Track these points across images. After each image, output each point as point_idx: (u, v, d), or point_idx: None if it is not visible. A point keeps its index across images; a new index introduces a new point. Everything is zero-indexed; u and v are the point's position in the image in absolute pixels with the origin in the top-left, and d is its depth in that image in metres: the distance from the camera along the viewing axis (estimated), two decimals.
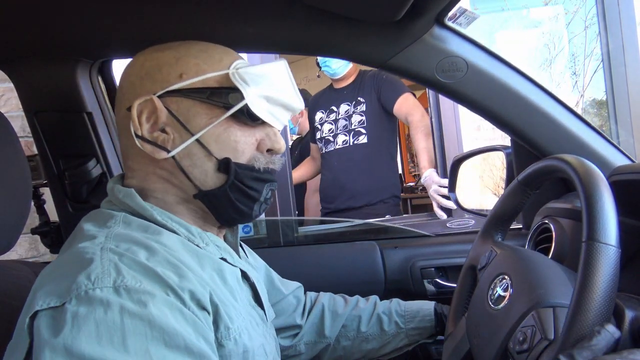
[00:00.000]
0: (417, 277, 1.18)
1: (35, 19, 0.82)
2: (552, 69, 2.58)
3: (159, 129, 0.64)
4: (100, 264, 0.51)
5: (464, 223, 1.93)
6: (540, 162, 0.70)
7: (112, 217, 0.62)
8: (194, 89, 0.64)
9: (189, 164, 0.65)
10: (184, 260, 0.58)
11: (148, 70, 0.65)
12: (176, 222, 0.65)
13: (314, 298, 1.02)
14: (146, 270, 0.53)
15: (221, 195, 0.66)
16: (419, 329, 0.95)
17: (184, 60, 0.65)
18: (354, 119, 2.10)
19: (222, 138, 0.64)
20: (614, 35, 2.35)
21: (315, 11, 0.84)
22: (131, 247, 0.56)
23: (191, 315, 0.53)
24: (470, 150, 1.21)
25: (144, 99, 0.63)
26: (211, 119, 0.64)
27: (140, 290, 0.50)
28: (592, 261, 0.49)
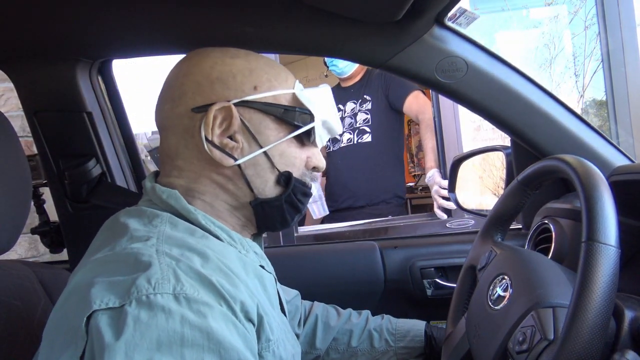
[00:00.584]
0: (417, 277, 1.18)
1: (35, 19, 0.82)
2: (552, 69, 2.58)
3: (228, 135, 0.65)
4: (159, 269, 0.51)
5: (463, 223, 1.94)
6: (540, 162, 0.70)
7: (157, 216, 0.62)
8: (268, 104, 0.66)
9: (252, 173, 0.67)
10: (232, 268, 0.59)
11: (220, 75, 0.65)
12: (219, 227, 0.65)
13: (308, 308, 1.02)
14: (202, 279, 0.53)
15: (276, 205, 0.69)
16: (408, 348, 0.96)
17: (257, 73, 0.67)
18: (359, 117, 2.10)
19: (285, 153, 0.68)
20: (613, 35, 2.35)
21: (315, 11, 0.84)
22: (184, 252, 0.56)
23: (242, 328, 0.54)
24: (470, 150, 1.21)
25: (222, 105, 0.64)
26: (279, 135, 0.67)
27: (199, 301, 0.50)
28: (592, 261, 0.49)
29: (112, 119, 1.10)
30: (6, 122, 0.71)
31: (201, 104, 0.64)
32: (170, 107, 0.67)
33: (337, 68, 2.11)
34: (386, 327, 0.98)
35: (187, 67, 0.67)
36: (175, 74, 0.68)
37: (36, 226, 1.15)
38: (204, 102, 0.64)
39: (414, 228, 1.92)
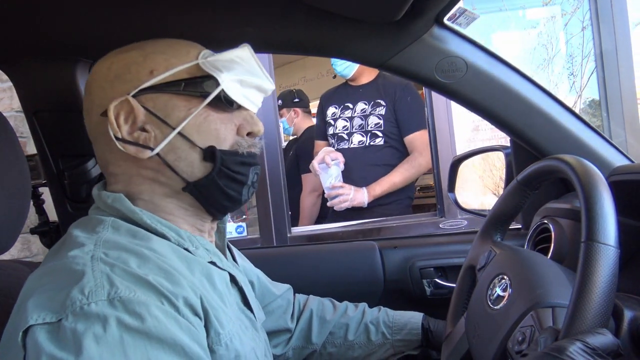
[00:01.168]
0: (417, 277, 1.18)
1: (35, 19, 0.82)
2: (549, 69, 2.58)
3: (138, 128, 0.64)
4: (92, 277, 0.51)
5: (457, 224, 1.94)
6: (539, 162, 0.70)
7: (100, 222, 0.62)
8: (168, 83, 0.64)
9: (174, 158, 0.64)
10: (174, 266, 0.58)
11: (116, 72, 0.65)
12: (166, 226, 0.64)
13: (303, 302, 1.01)
14: (138, 280, 0.52)
15: (210, 183, 0.66)
16: (405, 341, 0.95)
17: (151, 57, 0.65)
18: (370, 120, 2.09)
19: (203, 127, 0.65)
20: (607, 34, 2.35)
21: (315, 11, 0.84)
22: (121, 255, 0.55)
23: (186, 322, 0.53)
24: (470, 150, 1.21)
25: (118, 101, 0.63)
26: (190, 110, 0.64)
27: (134, 301, 0.50)
28: (591, 261, 0.49)
29: None
30: (5, 122, 0.71)
31: (105, 107, 0.63)
32: (87, 119, 0.68)
33: (337, 68, 2.11)
34: (383, 319, 0.98)
35: (91, 77, 0.67)
36: (86, 87, 0.68)
37: (36, 226, 1.14)
38: (107, 104, 0.63)
39: (408, 228, 1.92)
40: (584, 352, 0.45)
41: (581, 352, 0.45)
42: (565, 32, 2.50)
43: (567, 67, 2.54)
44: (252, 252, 1.00)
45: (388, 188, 2.02)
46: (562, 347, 0.46)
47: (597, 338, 0.46)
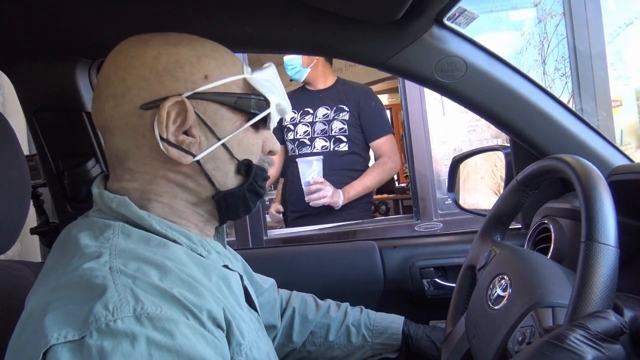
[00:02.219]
0: (416, 277, 1.18)
1: (35, 19, 0.82)
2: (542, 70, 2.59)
3: (183, 131, 0.61)
4: (115, 291, 0.48)
5: (432, 226, 1.96)
6: (539, 162, 0.70)
7: (108, 227, 0.58)
8: (221, 93, 0.62)
9: (212, 167, 0.64)
10: (194, 275, 0.56)
11: (166, 66, 0.60)
12: (176, 231, 0.62)
13: (286, 299, 1.01)
14: (162, 294, 0.50)
15: (239, 195, 0.66)
16: (385, 344, 0.96)
17: (205, 61, 0.62)
18: (334, 125, 2.08)
19: (243, 142, 0.65)
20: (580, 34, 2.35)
21: (315, 11, 0.84)
22: (141, 266, 0.53)
23: (211, 337, 0.52)
24: (470, 150, 1.21)
25: (174, 100, 0.59)
26: (235, 124, 0.64)
27: (162, 318, 0.48)
28: (591, 261, 0.49)
29: None
30: (5, 122, 0.71)
31: (149, 99, 0.59)
32: (112, 105, 0.61)
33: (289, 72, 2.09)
34: (364, 322, 0.98)
35: (126, 60, 0.61)
36: (112, 69, 0.62)
37: (35, 226, 1.15)
38: (152, 97, 0.59)
39: (383, 231, 1.93)
40: (587, 339, 0.44)
41: (583, 340, 0.44)
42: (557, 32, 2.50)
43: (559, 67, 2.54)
44: (251, 252, 0.99)
45: (361, 191, 2.04)
46: (562, 335, 0.45)
47: (599, 322, 0.45)
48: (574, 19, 2.34)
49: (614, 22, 2.71)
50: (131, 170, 0.63)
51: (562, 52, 2.51)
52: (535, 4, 2.55)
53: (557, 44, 2.52)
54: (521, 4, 2.60)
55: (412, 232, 1.96)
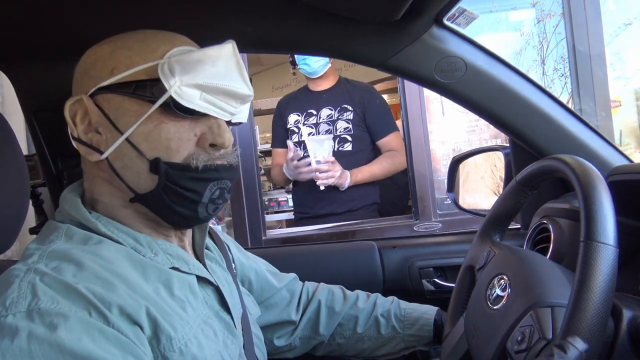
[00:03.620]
0: (416, 277, 1.18)
1: (35, 19, 0.82)
2: (541, 70, 2.59)
3: (93, 129, 0.61)
4: (17, 288, 0.49)
5: (431, 226, 1.96)
6: (538, 162, 0.70)
7: (54, 230, 0.59)
8: (122, 84, 0.59)
9: (121, 166, 0.60)
10: (121, 273, 0.55)
11: (85, 67, 0.62)
12: (123, 232, 0.61)
13: (312, 291, 0.99)
14: (67, 289, 0.50)
15: (155, 198, 0.60)
16: (417, 336, 0.93)
17: (117, 54, 0.60)
18: (339, 125, 2.08)
19: (152, 136, 0.59)
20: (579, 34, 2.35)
21: (315, 11, 0.84)
22: (60, 264, 0.53)
23: (114, 333, 0.49)
24: (469, 150, 1.21)
25: (74, 100, 0.61)
26: (139, 116, 0.59)
27: (53, 313, 0.47)
28: (591, 261, 0.49)
29: None
30: (4, 122, 0.71)
31: (72, 101, 0.62)
32: None
33: (308, 67, 2.07)
34: (394, 312, 0.95)
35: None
36: None
37: (35, 226, 1.14)
38: (74, 99, 0.62)
39: (382, 231, 1.93)
40: None
41: None
42: (556, 33, 2.50)
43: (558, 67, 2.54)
44: (250, 252, 0.99)
45: (368, 177, 2.03)
46: None
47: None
48: (574, 19, 2.34)
49: (613, 22, 2.71)
50: (83, 171, 0.66)
51: (561, 52, 2.51)
52: (533, 4, 2.55)
53: (557, 44, 2.52)
54: (520, 5, 2.60)
55: (412, 232, 1.96)
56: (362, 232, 1.92)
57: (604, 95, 2.35)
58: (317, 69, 2.06)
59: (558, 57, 2.53)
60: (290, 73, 2.53)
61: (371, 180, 2.06)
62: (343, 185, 1.98)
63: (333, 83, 2.15)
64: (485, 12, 2.52)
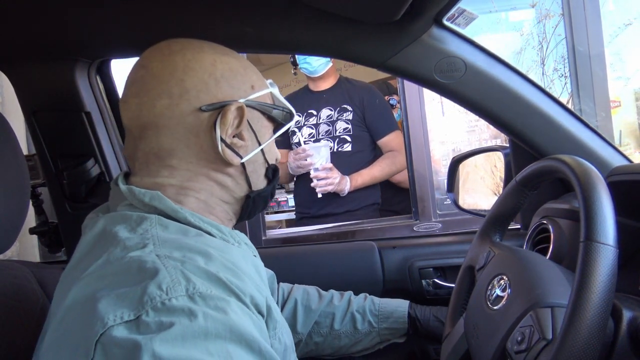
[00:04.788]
0: (416, 277, 1.18)
1: (34, 19, 0.82)
2: (541, 70, 2.59)
3: (234, 135, 0.66)
4: (167, 273, 0.50)
5: (431, 226, 1.96)
6: (538, 162, 0.70)
7: (144, 219, 0.59)
8: (262, 103, 0.69)
9: (251, 170, 0.69)
10: (235, 262, 0.59)
11: (223, 73, 0.65)
12: (208, 224, 0.64)
13: (287, 291, 1.02)
14: (210, 276, 0.52)
15: (264, 195, 0.72)
16: (392, 329, 0.97)
17: (249, 72, 0.68)
18: (338, 125, 2.07)
19: (272, 148, 0.73)
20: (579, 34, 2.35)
21: (315, 11, 0.84)
22: (186, 253, 0.54)
23: (256, 319, 0.54)
24: (469, 150, 1.21)
25: (237, 105, 0.64)
26: (269, 131, 0.71)
27: (214, 297, 0.50)
28: (590, 261, 0.49)
29: (111, 118, 1.10)
30: (5, 122, 0.71)
31: (208, 102, 0.63)
32: (167, 104, 0.62)
33: (309, 66, 2.05)
34: (369, 308, 0.99)
35: (183, 62, 0.63)
36: (167, 68, 0.63)
37: (35, 226, 1.14)
38: (211, 100, 0.63)
39: (382, 231, 1.93)
40: None
41: None
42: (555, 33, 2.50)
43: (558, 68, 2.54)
44: None
45: (369, 180, 2.03)
46: None
47: None
48: (573, 19, 2.34)
49: (613, 22, 2.71)
50: (172, 167, 0.64)
51: (561, 52, 2.51)
52: (532, 5, 2.55)
53: (556, 45, 2.52)
54: (520, 5, 2.60)
55: (411, 232, 1.96)
56: (362, 232, 1.92)
57: (603, 96, 2.35)
58: (318, 68, 2.06)
59: (558, 58, 2.53)
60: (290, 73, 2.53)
61: (372, 183, 2.05)
62: (343, 191, 1.98)
63: (334, 83, 2.14)
64: (485, 13, 2.52)
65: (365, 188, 2.06)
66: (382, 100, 2.12)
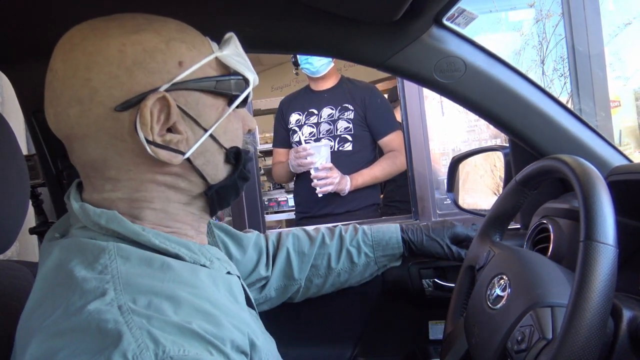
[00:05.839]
0: (416, 277, 1.18)
1: (34, 19, 0.82)
2: (541, 70, 2.59)
3: (167, 128, 0.55)
4: (132, 337, 0.43)
5: None
6: (538, 162, 0.70)
7: (102, 250, 0.52)
8: (198, 79, 0.56)
9: (202, 162, 0.58)
10: (209, 297, 0.53)
11: (134, 58, 0.53)
12: (175, 243, 0.56)
13: (276, 241, 1.00)
14: (182, 331, 0.46)
15: (231, 185, 0.62)
16: (388, 255, 0.99)
17: (174, 45, 0.55)
18: (339, 124, 2.07)
19: (228, 128, 0.60)
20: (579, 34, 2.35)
21: (314, 11, 0.84)
22: (152, 300, 0.48)
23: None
24: (469, 150, 1.21)
25: (156, 97, 0.52)
26: (218, 110, 0.58)
27: (188, 358, 0.44)
28: (590, 261, 0.49)
29: None
30: (4, 122, 0.71)
31: (123, 99, 0.52)
32: (78, 111, 0.53)
33: (311, 67, 2.06)
34: (362, 240, 0.99)
35: (84, 57, 0.53)
36: (69, 68, 0.54)
37: (34, 226, 1.14)
38: (126, 96, 0.52)
39: None
40: None
41: None
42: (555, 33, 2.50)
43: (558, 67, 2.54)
44: None
45: (369, 180, 2.03)
46: None
47: None
48: (573, 19, 2.34)
49: (613, 22, 2.71)
50: (113, 179, 0.56)
51: (560, 52, 2.51)
52: (530, 5, 2.55)
53: (556, 44, 2.53)
54: (520, 5, 2.60)
55: None
56: None
57: (603, 95, 2.35)
58: (320, 68, 2.06)
59: (557, 57, 2.53)
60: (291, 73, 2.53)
61: (372, 183, 2.05)
62: (343, 191, 1.97)
63: (335, 82, 2.14)
64: (485, 12, 2.52)
65: (366, 188, 2.05)
66: (384, 101, 2.12)
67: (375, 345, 1.20)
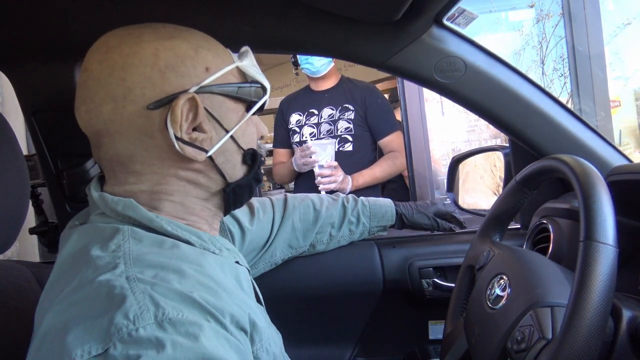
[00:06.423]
0: (416, 277, 1.18)
1: (34, 18, 0.82)
2: (541, 70, 2.60)
3: (193, 127, 0.60)
4: (134, 299, 0.47)
5: None
6: (538, 162, 0.70)
7: (116, 232, 0.56)
8: (223, 84, 0.62)
9: (223, 161, 0.63)
10: (214, 276, 0.56)
11: (167, 61, 0.58)
12: (187, 231, 0.60)
13: (282, 210, 1.06)
14: (183, 298, 0.49)
15: (246, 184, 0.67)
16: (381, 226, 1.13)
17: (201, 52, 0.60)
18: (340, 124, 2.07)
19: (246, 131, 0.66)
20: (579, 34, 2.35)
21: (314, 11, 0.84)
22: (158, 273, 0.51)
23: (235, 340, 0.51)
24: (469, 150, 1.21)
25: (186, 97, 0.57)
26: (238, 114, 0.64)
27: (185, 322, 0.47)
28: (590, 261, 0.49)
29: None
30: (4, 122, 0.71)
31: (155, 99, 0.57)
32: (112, 108, 0.57)
33: (311, 66, 2.06)
34: (361, 210, 1.11)
35: (121, 59, 0.57)
36: (105, 69, 0.57)
37: (34, 226, 1.14)
38: (158, 96, 0.57)
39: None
40: None
41: None
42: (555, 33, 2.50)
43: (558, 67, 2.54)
44: None
45: (370, 181, 2.04)
46: None
47: None
48: (573, 19, 2.34)
49: (613, 22, 2.71)
50: (137, 172, 0.60)
51: (560, 52, 2.51)
52: (530, 5, 2.56)
53: (556, 44, 2.53)
54: (520, 5, 2.60)
55: (411, 231, 1.96)
56: None
57: (603, 95, 2.35)
58: (320, 68, 2.06)
59: (557, 57, 2.53)
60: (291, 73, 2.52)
61: (373, 183, 2.05)
62: (345, 190, 1.97)
63: (335, 82, 2.14)
64: (485, 12, 2.52)
65: (366, 188, 2.05)
66: (384, 101, 2.11)
67: (375, 345, 1.20)
